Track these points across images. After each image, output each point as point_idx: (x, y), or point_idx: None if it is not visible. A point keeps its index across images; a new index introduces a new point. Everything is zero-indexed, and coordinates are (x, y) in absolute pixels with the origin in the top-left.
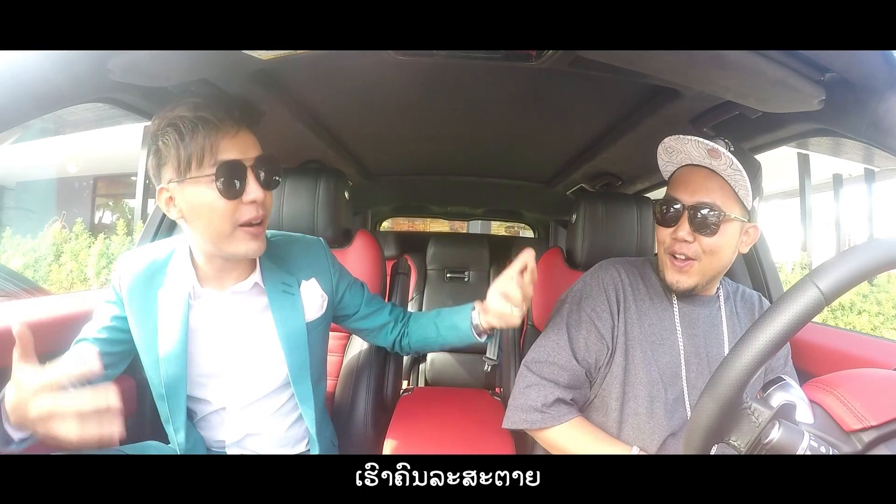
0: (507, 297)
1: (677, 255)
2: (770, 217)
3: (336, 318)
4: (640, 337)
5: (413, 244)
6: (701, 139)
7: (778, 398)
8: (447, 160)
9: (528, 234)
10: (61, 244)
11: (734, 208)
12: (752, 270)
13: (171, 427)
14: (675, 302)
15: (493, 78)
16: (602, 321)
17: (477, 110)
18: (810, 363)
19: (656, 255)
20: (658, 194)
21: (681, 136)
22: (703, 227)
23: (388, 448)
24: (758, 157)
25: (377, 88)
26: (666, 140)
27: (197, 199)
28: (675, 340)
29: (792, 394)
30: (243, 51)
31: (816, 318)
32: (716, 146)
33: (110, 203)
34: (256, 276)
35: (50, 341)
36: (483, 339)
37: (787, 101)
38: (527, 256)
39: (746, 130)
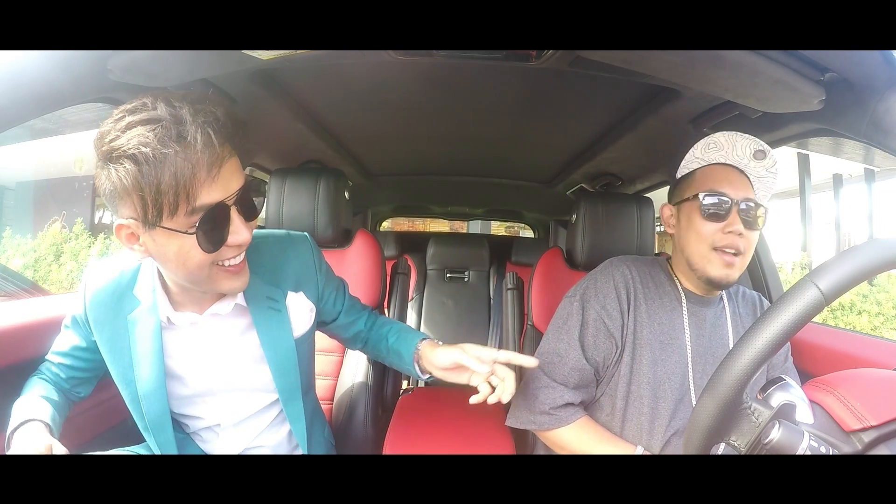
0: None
1: (727, 250)
2: (770, 217)
3: None
4: (649, 337)
5: (413, 244)
6: (754, 139)
7: (778, 398)
8: (447, 160)
9: (528, 233)
10: (61, 244)
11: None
12: (752, 270)
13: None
14: (685, 302)
15: (493, 78)
16: (612, 319)
17: (477, 110)
18: (810, 363)
19: (661, 254)
20: (658, 195)
21: (733, 132)
22: (751, 221)
23: (388, 448)
24: None
25: (377, 88)
26: (717, 135)
27: (169, 247)
28: (683, 341)
29: (792, 394)
30: (243, 51)
31: (816, 318)
32: (764, 147)
33: None
34: (238, 297)
35: (49, 341)
36: (426, 378)
37: (787, 101)
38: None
39: (746, 130)
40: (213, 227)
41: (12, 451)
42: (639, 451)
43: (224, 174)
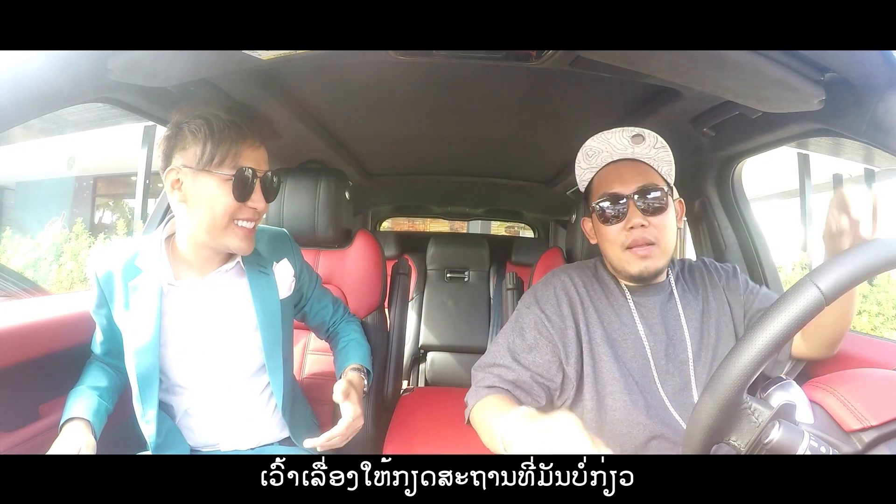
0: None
1: (637, 246)
2: (770, 217)
3: None
4: (603, 337)
5: (413, 244)
6: (624, 128)
7: (778, 398)
8: (447, 160)
9: (528, 233)
10: (61, 244)
11: (664, 185)
12: (752, 270)
13: (144, 419)
14: (629, 296)
15: (493, 78)
16: (553, 325)
17: (476, 110)
18: (810, 363)
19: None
20: None
21: (602, 133)
22: (653, 208)
23: (388, 447)
24: (758, 157)
25: (377, 88)
26: (588, 142)
27: (206, 190)
28: (637, 333)
29: (792, 394)
30: (243, 51)
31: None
32: (639, 130)
33: (110, 203)
34: (238, 258)
35: (50, 341)
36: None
37: (787, 101)
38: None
39: (746, 130)
40: (243, 184)
41: (56, 444)
42: (523, 410)
43: (260, 153)
